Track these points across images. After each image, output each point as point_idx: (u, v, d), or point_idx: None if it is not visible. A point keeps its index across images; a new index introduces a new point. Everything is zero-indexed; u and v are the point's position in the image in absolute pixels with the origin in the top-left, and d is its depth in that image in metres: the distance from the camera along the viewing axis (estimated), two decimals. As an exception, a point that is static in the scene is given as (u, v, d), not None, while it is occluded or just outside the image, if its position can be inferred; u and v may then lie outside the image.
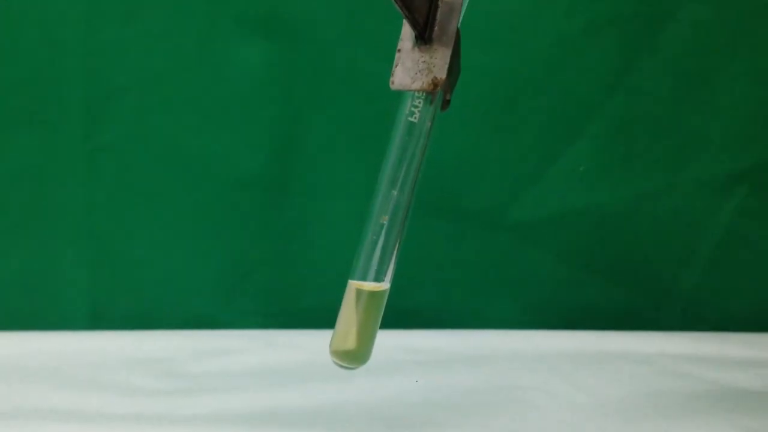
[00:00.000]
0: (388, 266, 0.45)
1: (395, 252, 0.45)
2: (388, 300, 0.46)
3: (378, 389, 0.67)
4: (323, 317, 0.76)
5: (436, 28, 0.45)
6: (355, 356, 0.45)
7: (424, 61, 0.45)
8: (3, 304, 0.82)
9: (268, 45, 0.80)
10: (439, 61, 0.44)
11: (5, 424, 0.61)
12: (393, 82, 0.45)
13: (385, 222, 0.45)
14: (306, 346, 0.77)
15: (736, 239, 0.84)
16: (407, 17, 0.43)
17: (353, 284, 0.45)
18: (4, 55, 0.79)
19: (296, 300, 0.84)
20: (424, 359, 0.75)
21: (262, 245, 0.83)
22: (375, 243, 0.45)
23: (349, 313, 0.45)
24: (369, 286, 0.45)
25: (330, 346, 0.45)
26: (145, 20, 0.79)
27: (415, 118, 0.45)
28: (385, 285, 0.45)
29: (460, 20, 0.46)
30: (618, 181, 0.83)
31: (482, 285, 0.84)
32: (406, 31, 0.45)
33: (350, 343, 0.45)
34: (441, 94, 0.45)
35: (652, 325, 0.83)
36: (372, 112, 0.78)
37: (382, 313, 0.45)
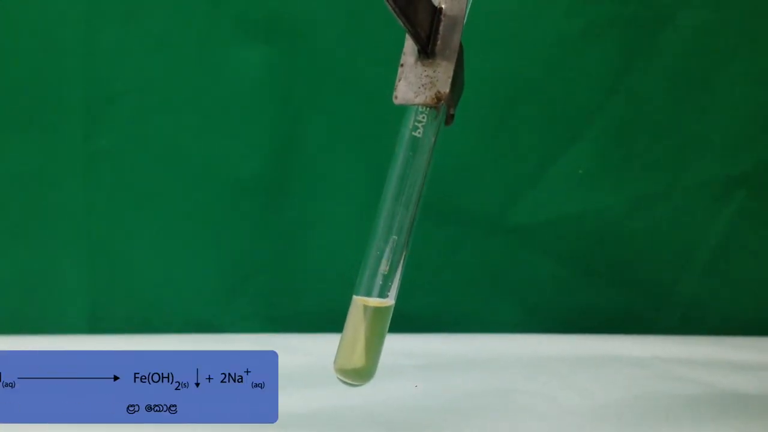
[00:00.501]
0: (392, 282, 0.44)
1: (400, 267, 0.45)
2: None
3: (377, 393, 0.67)
4: (324, 320, 0.76)
5: (438, 42, 0.44)
6: (360, 373, 0.44)
7: (427, 76, 0.44)
8: (1, 307, 0.82)
9: (267, 46, 0.79)
10: (442, 75, 0.44)
11: (4, 426, 0.60)
12: (396, 97, 0.45)
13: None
14: (306, 350, 0.77)
15: (735, 242, 0.84)
16: (410, 31, 0.43)
17: (358, 300, 0.45)
18: (4, 55, 0.79)
19: (296, 303, 0.84)
20: (424, 363, 0.75)
21: (261, 247, 0.83)
22: (379, 259, 0.44)
23: (354, 329, 0.44)
24: (374, 302, 0.44)
25: (335, 363, 0.45)
26: (145, 21, 0.79)
27: (419, 133, 0.45)
28: (390, 301, 0.45)
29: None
30: (617, 183, 0.83)
31: (481, 288, 0.84)
32: (409, 46, 0.45)
33: (356, 360, 0.44)
34: (445, 108, 0.45)
35: (651, 329, 0.83)
36: (372, 112, 0.78)
37: (387, 329, 0.45)
